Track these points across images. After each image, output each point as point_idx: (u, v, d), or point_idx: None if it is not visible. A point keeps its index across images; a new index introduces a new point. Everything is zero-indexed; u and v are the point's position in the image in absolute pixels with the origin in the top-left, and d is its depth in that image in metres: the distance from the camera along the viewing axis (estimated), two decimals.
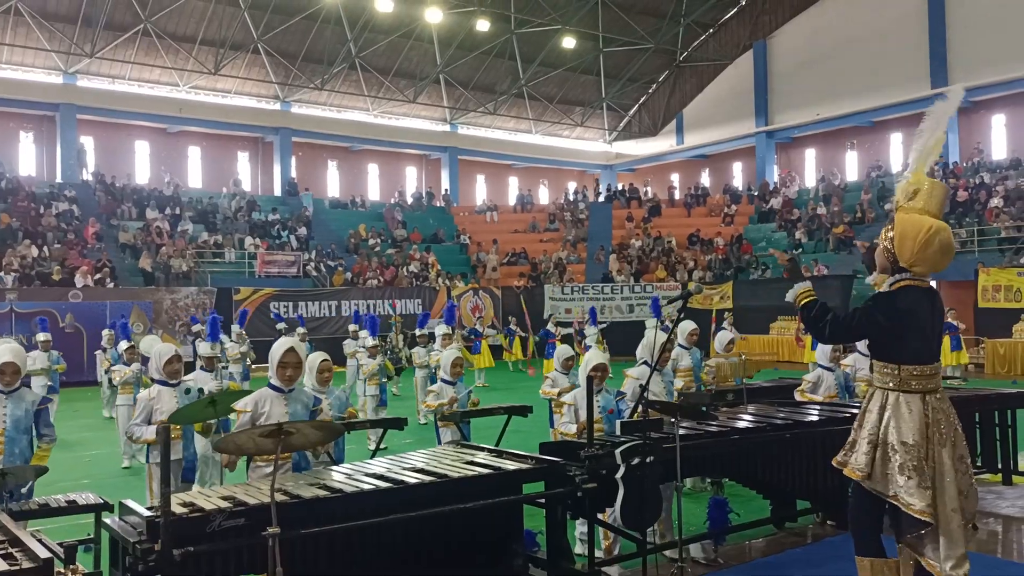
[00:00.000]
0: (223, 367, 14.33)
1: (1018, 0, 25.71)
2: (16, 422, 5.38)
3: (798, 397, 7.74)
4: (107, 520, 4.26)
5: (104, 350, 15.08)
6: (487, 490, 4.68)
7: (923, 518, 4.00)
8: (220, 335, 16.18)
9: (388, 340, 18.21)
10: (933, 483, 4.07)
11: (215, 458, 6.95)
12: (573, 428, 6.25)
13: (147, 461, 6.47)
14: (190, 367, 8.83)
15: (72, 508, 5.09)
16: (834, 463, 4.41)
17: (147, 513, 3.86)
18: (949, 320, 17.90)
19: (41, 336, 13.59)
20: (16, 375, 5.43)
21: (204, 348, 8.70)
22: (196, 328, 18.12)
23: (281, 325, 18.95)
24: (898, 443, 4.10)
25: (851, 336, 4.47)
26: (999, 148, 27.99)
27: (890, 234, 4.30)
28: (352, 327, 16.18)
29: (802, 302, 4.42)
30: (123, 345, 11.70)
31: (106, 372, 13.73)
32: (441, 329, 15.02)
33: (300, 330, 16.03)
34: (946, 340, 17.60)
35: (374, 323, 13.61)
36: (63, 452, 11.26)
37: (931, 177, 4.46)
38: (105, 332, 15.27)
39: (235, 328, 16.16)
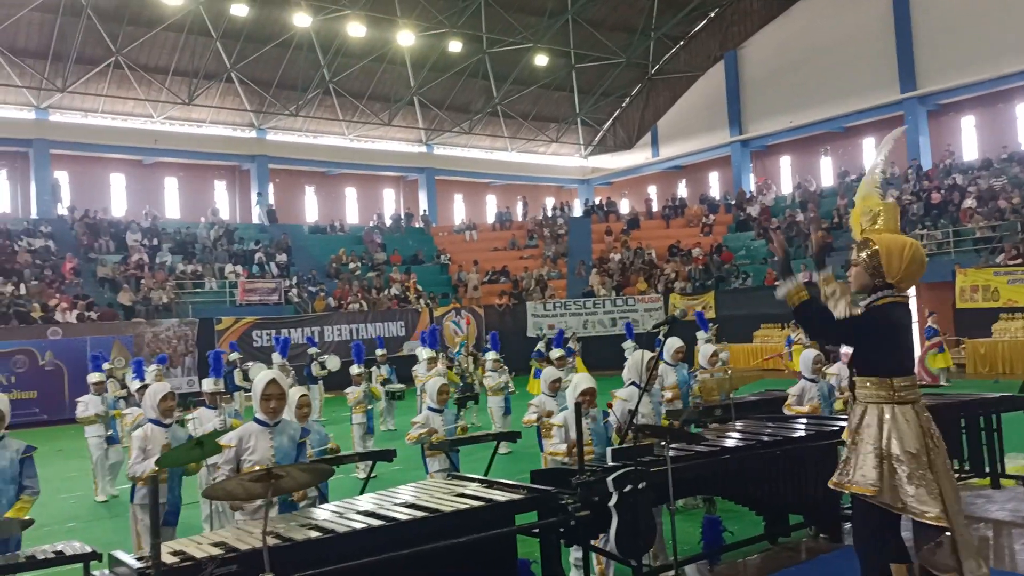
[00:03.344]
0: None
1: (981, 3, 26.19)
2: (1, 472, 5.30)
3: (787, 412, 7.76)
4: (96, 572, 4.20)
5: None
6: (479, 523, 4.65)
7: (940, 524, 4.01)
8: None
9: (456, 363, 17.06)
10: (940, 488, 4.11)
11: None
12: (563, 447, 6.23)
13: (131, 501, 6.40)
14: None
15: (60, 559, 4.98)
16: (831, 485, 4.42)
17: (137, 564, 3.81)
18: (931, 324, 18.03)
19: (94, 377, 11.05)
20: (0, 423, 5.35)
21: (208, 384, 8.46)
22: (232, 356, 17.49)
23: (313, 350, 18.25)
24: (903, 454, 4.15)
25: (839, 336, 4.63)
26: (970, 149, 28.37)
27: (871, 251, 4.39)
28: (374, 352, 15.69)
29: (796, 302, 4.48)
30: (135, 385, 11.19)
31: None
32: (425, 353, 14.86)
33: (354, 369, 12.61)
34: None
35: (360, 350, 13.47)
36: (49, 495, 11.10)
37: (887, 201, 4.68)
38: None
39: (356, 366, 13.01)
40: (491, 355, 14.36)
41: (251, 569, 3.74)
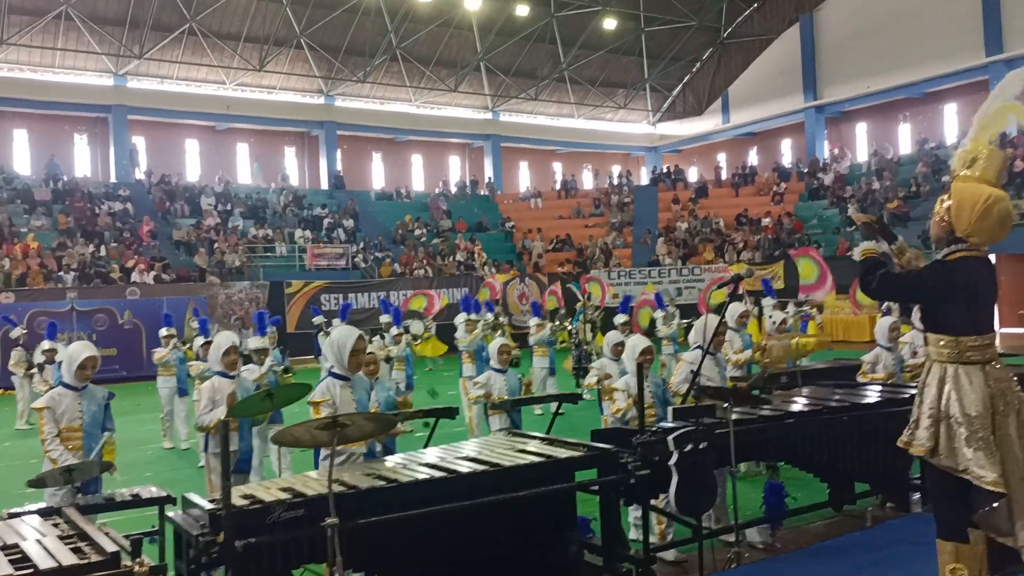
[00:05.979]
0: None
1: None
2: (93, 417, 5.59)
3: (861, 380, 7.59)
4: (170, 513, 4.37)
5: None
6: (540, 478, 4.69)
7: (996, 489, 3.90)
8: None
9: (573, 330, 15.82)
10: (1001, 453, 3.98)
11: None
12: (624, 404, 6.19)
13: (205, 451, 6.63)
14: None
15: (136, 502, 5.21)
16: (899, 443, 4.32)
17: (209, 506, 3.95)
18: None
19: (163, 331, 11.95)
20: (94, 370, 5.62)
21: (254, 342, 8.75)
22: (317, 320, 17.70)
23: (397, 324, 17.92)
24: (961, 415, 4.02)
25: (897, 291, 4.52)
26: None
27: (946, 204, 4.20)
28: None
29: (861, 258, 4.44)
30: (199, 341, 11.41)
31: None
32: (461, 316, 14.54)
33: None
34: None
35: (398, 314, 13.74)
36: (127, 447, 11.58)
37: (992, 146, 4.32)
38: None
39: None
40: (534, 320, 14.30)
41: (317, 513, 3.86)
